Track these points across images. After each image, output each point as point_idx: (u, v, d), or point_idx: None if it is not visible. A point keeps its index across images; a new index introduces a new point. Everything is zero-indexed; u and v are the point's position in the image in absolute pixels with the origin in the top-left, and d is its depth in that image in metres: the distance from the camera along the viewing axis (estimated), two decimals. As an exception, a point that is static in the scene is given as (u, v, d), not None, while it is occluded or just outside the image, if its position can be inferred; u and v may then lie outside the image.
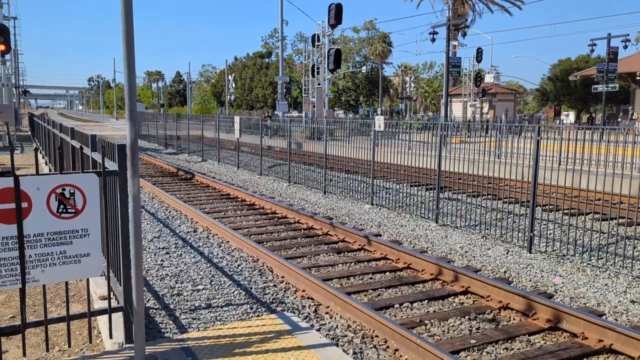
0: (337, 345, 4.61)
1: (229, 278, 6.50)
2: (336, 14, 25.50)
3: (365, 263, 7.33)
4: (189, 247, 7.94)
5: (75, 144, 6.10)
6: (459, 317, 5.35)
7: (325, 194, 13.30)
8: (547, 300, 5.38)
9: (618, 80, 32.32)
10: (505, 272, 6.98)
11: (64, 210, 3.55)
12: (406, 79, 67.10)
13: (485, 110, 42.54)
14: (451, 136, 17.77)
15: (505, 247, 8.15)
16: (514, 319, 5.38)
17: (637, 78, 33.02)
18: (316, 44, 30.04)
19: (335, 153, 14.19)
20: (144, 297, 5.51)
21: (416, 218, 10.36)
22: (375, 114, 49.23)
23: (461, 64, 35.86)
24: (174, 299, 5.75)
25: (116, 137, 34.34)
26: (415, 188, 11.70)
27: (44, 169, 13.95)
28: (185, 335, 4.28)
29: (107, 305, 4.07)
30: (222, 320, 5.18)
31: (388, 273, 6.87)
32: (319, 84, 30.27)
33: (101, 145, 4.29)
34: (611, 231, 8.31)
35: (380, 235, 8.90)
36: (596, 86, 30.67)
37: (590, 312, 5.29)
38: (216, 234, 8.79)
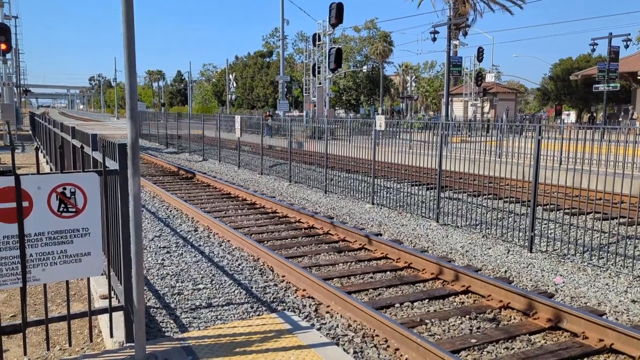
0: (337, 344, 4.61)
1: (229, 277, 6.50)
2: (337, 13, 25.50)
3: (366, 262, 7.33)
4: (189, 246, 7.95)
5: (76, 143, 6.10)
6: (459, 317, 5.35)
7: (326, 193, 13.30)
8: (548, 299, 5.38)
9: (619, 79, 32.30)
10: (505, 271, 6.98)
11: (65, 210, 3.56)
12: (407, 78, 67.07)
13: (486, 109, 42.51)
14: (452, 135, 17.78)
15: (506, 247, 8.15)
16: (515, 319, 5.38)
17: (638, 77, 32.98)
18: (317, 43, 30.03)
19: (336, 152, 14.19)
20: (145, 296, 5.52)
21: (417, 217, 10.36)
22: (376, 113, 49.21)
23: (462, 63, 35.86)
24: (175, 298, 5.76)
25: (117, 136, 34.37)
26: (416, 187, 11.70)
27: (45, 168, 13.96)
28: (185, 335, 4.29)
29: (107, 304, 4.08)
30: (222, 320, 5.19)
31: (389, 272, 6.87)
32: (320, 84, 30.27)
33: (102, 144, 4.29)
34: (612, 231, 8.31)
35: (381, 235, 8.90)
36: (597, 86, 30.64)
37: (590, 312, 5.29)
38: (217, 233, 8.80)
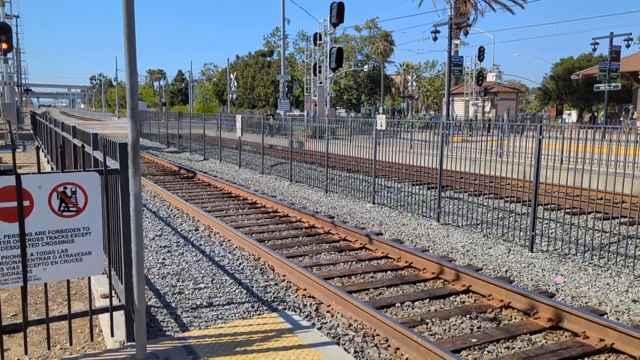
0: (338, 344, 4.61)
1: (230, 277, 6.51)
2: (338, 12, 25.47)
3: (367, 262, 7.33)
4: (190, 246, 7.95)
5: (77, 143, 6.11)
6: (460, 316, 5.35)
7: (327, 192, 13.30)
8: (549, 299, 5.38)
9: (620, 79, 32.26)
10: (506, 271, 6.98)
11: (66, 209, 3.56)
12: (408, 77, 67.00)
13: (487, 109, 42.48)
14: (453, 135, 17.77)
15: (506, 246, 8.14)
16: (516, 318, 5.38)
17: (640, 77, 32.96)
18: (318, 42, 30.00)
19: (337, 152, 14.18)
20: (146, 295, 5.52)
21: (418, 217, 10.35)
22: (377, 112, 49.18)
23: (463, 62, 35.79)
24: (176, 298, 5.76)
25: (118, 135, 34.40)
26: (417, 187, 11.69)
27: (46, 167, 13.98)
28: (186, 334, 4.29)
29: (108, 303, 4.08)
30: (223, 319, 5.19)
31: (389, 272, 6.87)
32: (321, 83, 30.26)
33: (103, 143, 4.29)
34: (613, 230, 8.30)
35: (382, 234, 8.90)
36: (598, 85, 30.59)
37: (591, 312, 5.29)
38: (218, 233, 8.80)
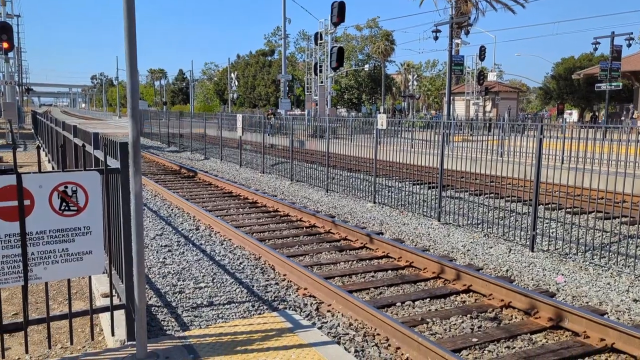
0: (338, 343, 4.61)
1: (231, 276, 6.51)
2: (339, 12, 25.46)
3: (367, 261, 7.33)
4: (191, 245, 7.95)
5: (78, 142, 6.11)
6: (460, 316, 5.35)
7: (328, 192, 13.30)
8: (549, 299, 5.38)
9: (621, 78, 32.23)
10: (507, 270, 6.98)
11: (66, 208, 3.56)
12: (409, 77, 66.93)
13: (488, 108, 42.46)
14: (454, 134, 17.76)
15: (507, 246, 8.14)
16: (516, 318, 5.38)
17: (641, 76, 32.92)
18: (319, 42, 30.00)
19: (338, 151, 14.18)
20: (146, 294, 5.52)
21: (418, 216, 10.35)
22: (378, 112, 49.16)
23: (464, 62, 35.74)
24: (176, 297, 5.76)
25: (119, 135, 34.41)
26: (418, 186, 11.69)
27: (47, 166, 13.98)
28: (187, 333, 4.29)
29: (109, 302, 4.08)
30: (224, 318, 5.19)
31: (390, 271, 6.87)
32: (322, 82, 30.26)
33: (103, 143, 4.30)
34: (614, 230, 8.29)
35: (383, 234, 8.90)
36: (599, 85, 30.57)
37: (592, 311, 5.29)
38: (218, 232, 8.81)
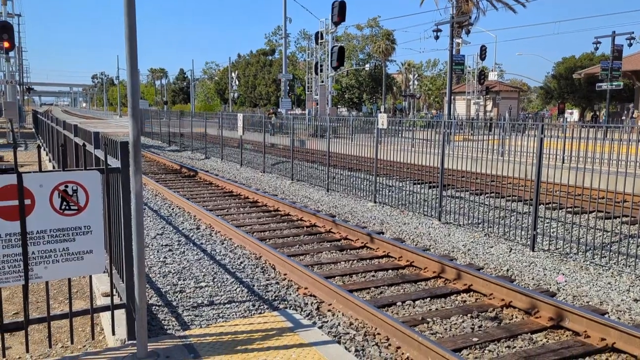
0: (339, 342, 4.61)
1: (231, 275, 6.51)
2: (340, 11, 25.45)
3: (368, 261, 7.33)
4: (191, 244, 7.96)
5: (79, 141, 6.11)
6: (461, 315, 5.35)
7: (328, 191, 13.30)
8: (550, 298, 5.37)
9: (622, 78, 32.23)
10: (508, 270, 6.98)
11: (67, 207, 3.56)
12: (409, 76, 66.91)
13: (489, 108, 42.43)
14: (454, 134, 17.75)
15: (508, 245, 8.14)
16: (517, 317, 5.38)
17: (642, 76, 32.87)
18: (319, 41, 29.98)
19: (338, 151, 14.18)
20: (147, 293, 5.53)
21: (419, 216, 10.35)
22: (379, 111, 49.16)
23: (465, 61, 35.78)
24: (177, 296, 5.77)
25: (119, 134, 34.41)
26: (418, 186, 11.69)
27: (48, 166, 13.99)
28: (187, 332, 4.30)
29: (109, 302, 4.08)
30: (224, 318, 5.20)
31: (390, 271, 6.87)
32: (322, 82, 30.25)
33: (104, 142, 4.30)
34: (614, 229, 8.29)
35: (383, 233, 8.90)
36: (600, 84, 30.57)
37: (592, 311, 5.28)
38: (219, 231, 8.81)
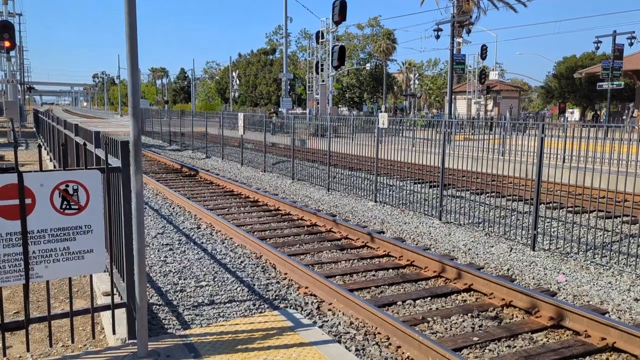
0: (339, 342, 4.61)
1: (232, 274, 6.51)
2: (340, 10, 25.46)
3: (368, 260, 7.33)
4: (192, 244, 7.96)
5: (79, 141, 6.11)
6: (461, 315, 5.35)
7: (329, 191, 13.30)
8: (550, 298, 5.37)
9: (623, 77, 32.21)
10: (508, 269, 6.97)
11: (68, 207, 3.56)
12: (410, 76, 66.85)
13: (490, 107, 42.42)
14: (455, 133, 17.75)
15: (508, 245, 8.14)
16: (517, 317, 5.38)
17: (643, 75, 32.85)
18: (320, 40, 30.00)
19: (339, 150, 14.17)
20: (147, 293, 5.53)
21: (419, 215, 10.35)
22: (379, 111, 49.13)
23: (465, 61, 35.82)
24: (177, 295, 5.77)
25: (120, 133, 34.44)
26: (419, 185, 11.68)
27: (48, 165, 13.99)
28: (188, 332, 4.30)
29: (110, 301, 4.09)
30: (224, 317, 5.20)
31: (391, 270, 6.87)
32: (323, 81, 30.25)
33: (104, 141, 4.30)
34: (615, 229, 8.28)
35: (384, 233, 8.90)
36: (601, 84, 30.55)
37: (593, 310, 5.29)
38: (220, 231, 8.81)
